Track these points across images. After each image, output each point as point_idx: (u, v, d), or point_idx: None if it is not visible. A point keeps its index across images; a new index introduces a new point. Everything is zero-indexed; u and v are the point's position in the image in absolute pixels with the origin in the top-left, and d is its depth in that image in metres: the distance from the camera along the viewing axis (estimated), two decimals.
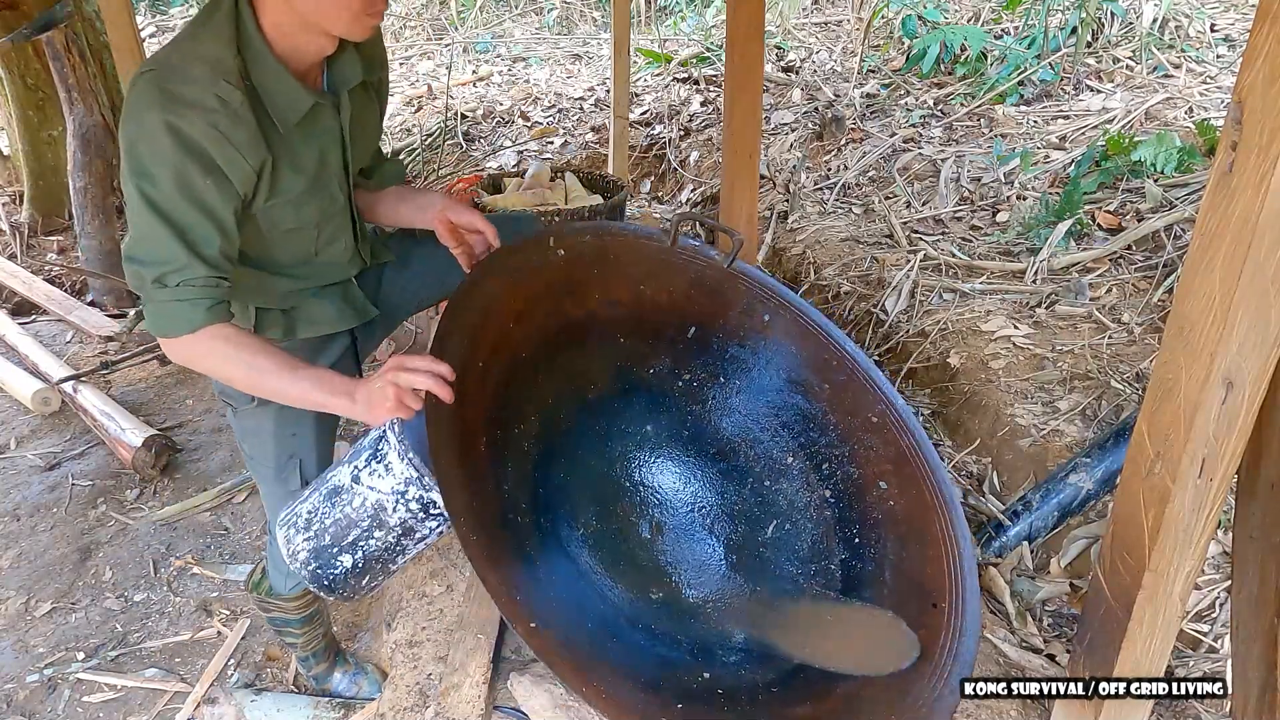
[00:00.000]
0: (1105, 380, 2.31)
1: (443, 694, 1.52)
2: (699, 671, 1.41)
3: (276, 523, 1.27)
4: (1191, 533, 1.13)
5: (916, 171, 3.78)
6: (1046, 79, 4.16)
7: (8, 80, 4.03)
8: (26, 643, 2.00)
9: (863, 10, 5.36)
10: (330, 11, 1.18)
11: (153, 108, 1.11)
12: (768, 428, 1.82)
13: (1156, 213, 2.94)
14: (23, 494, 2.48)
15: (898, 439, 1.69)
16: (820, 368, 1.81)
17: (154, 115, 1.10)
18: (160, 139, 1.11)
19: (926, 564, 1.50)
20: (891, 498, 1.62)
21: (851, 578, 1.59)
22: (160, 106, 1.11)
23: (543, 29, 7.92)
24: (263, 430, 1.47)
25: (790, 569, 1.64)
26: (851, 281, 3.18)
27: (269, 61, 1.20)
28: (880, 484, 1.66)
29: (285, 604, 1.66)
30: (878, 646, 1.43)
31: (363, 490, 1.21)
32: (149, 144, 1.11)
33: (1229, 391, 1.02)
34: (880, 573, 1.55)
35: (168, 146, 1.11)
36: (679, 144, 4.93)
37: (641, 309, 1.81)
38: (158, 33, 8.54)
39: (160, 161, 1.11)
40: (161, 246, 1.14)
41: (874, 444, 1.70)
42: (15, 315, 3.51)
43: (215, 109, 1.13)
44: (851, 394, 1.77)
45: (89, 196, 3.65)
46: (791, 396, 1.81)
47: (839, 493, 1.71)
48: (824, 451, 1.75)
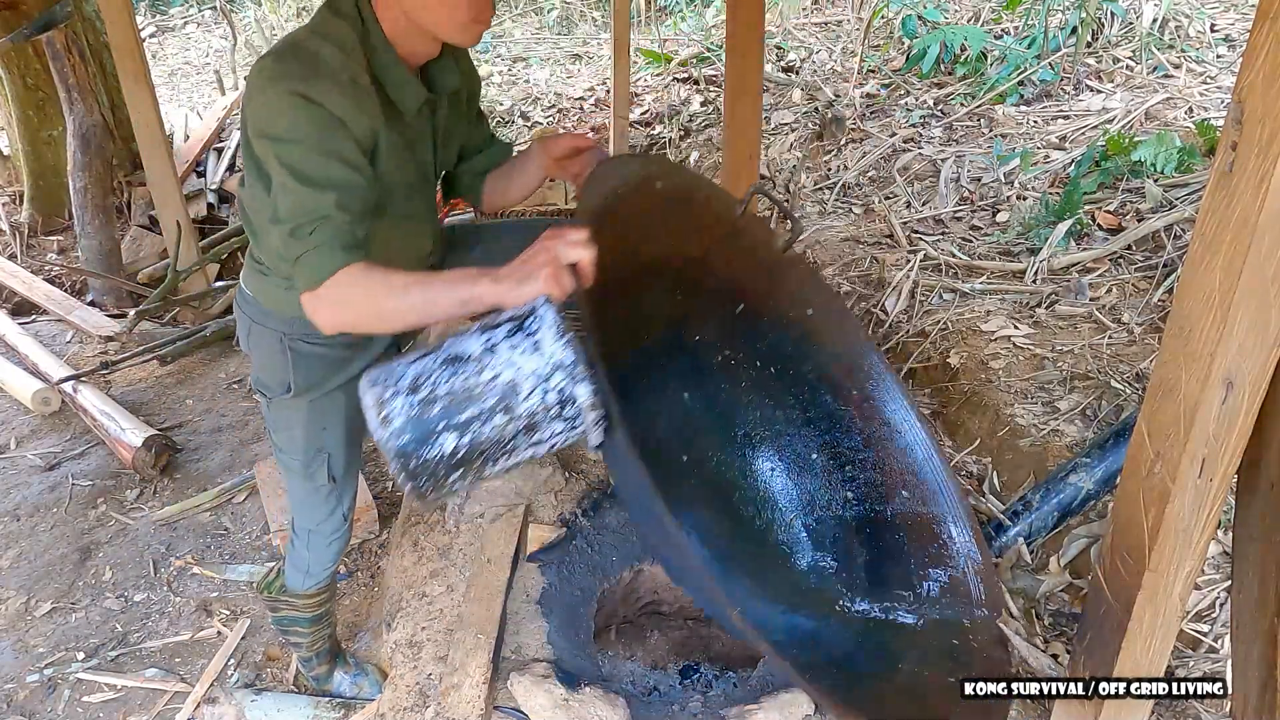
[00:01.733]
0: (1105, 380, 2.31)
1: (443, 694, 1.52)
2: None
3: (366, 380, 1.10)
4: (1191, 533, 1.13)
5: (916, 171, 3.78)
6: (1046, 79, 4.16)
7: (8, 80, 4.03)
8: (26, 642, 2.00)
9: (863, 10, 5.36)
10: (443, 18, 1.24)
11: (285, 79, 1.16)
12: (794, 420, 1.82)
13: (1156, 213, 2.94)
14: (23, 494, 2.48)
15: (917, 449, 1.70)
16: (852, 372, 1.81)
17: (283, 87, 1.16)
18: (296, 109, 1.16)
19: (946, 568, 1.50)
20: (913, 507, 1.64)
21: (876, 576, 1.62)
22: (293, 78, 1.16)
23: (543, 29, 7.91)
24: (294, 422, 1.49)
25: (804, 563, 1.64)
26: (851, 281, 3.18)
27: (391, 56, 1.27)
28: (903, 492, 1.67)
29: (298, 601, 1.67)
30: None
31: (498, 363, 1.03)
32: (285, 115, 1.16)
33: (1229, 391, 1.02)
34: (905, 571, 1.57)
35: (303, 111, 1.16)
36: (679, 144, 4.93)
37: (704, 270, 1.77)
38: (158, 33, 8.54)
39: (295, 125, 1.16)
40: (305, 202, 1.17)
41: (898, 452, 1.72)
42: (15, 315, 3.51)
43: (347, 84, 1.19)
44: (878, 400, 1.78)
45: (89, 196, 3.65)
46: (821, 395, 1.80)
47: (861, 496, 1.72)
48: (848, 454, 1.77)
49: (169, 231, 3.36)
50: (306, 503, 1.57)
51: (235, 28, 7.26)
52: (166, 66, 7.61)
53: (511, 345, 1.03)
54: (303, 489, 1.55)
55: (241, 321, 1.49)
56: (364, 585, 2.11)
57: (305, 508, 1.58)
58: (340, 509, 1.60)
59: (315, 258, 1.17)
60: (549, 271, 1.08)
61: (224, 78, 6.65)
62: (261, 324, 1.44)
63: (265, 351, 1.46)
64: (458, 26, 1.25)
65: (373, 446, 2.63)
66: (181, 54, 8.11)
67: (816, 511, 1.73)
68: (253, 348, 1.48)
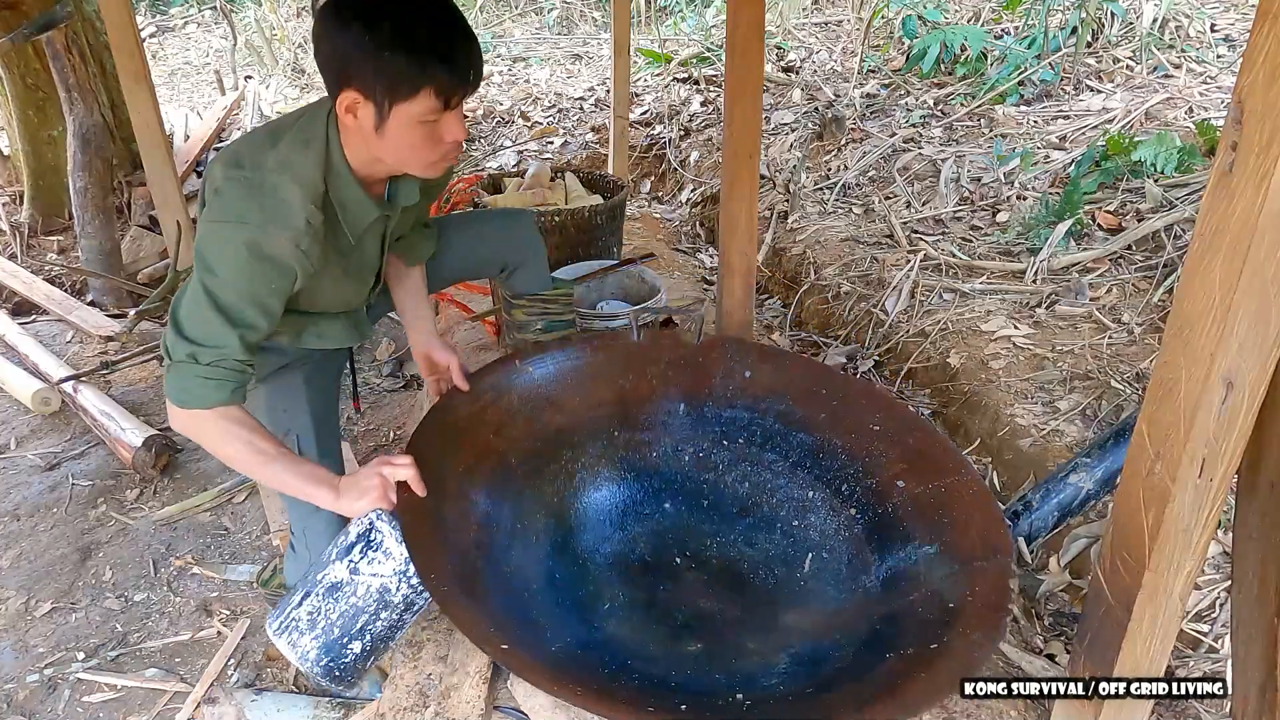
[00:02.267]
0: (1105, 380, 2.31)
1: (443, 694, 1.52)
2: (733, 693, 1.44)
3: (272, 631, 1.32)
4: (1191, 533, 1.12)
5: (916, 171, 3.78)
6: (1046, 79, 4.16)
7: (8, 80, 4.03)
8: (26, 643, 2.00)
9: (863, 10, 5.36)
10: (409, 160, 1.30)
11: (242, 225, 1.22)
12: (782, 472, 1.89)
13: (1156, 213, 2.94)
14: (23, 494, 2.48)
15: (904, 437, 1.73)
16: (812, 400, 1.88)
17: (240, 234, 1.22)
18: (239, 252, 1.22)
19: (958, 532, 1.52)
20: (911, 491, 1.66)
21: (890, 579, 1.62)
22: (251, 225, 1.22)
23: (543, 29, 7.91)
24: (256, 413, 1.49)
25: (832, 592, 1.67)
26: (851, 281, 3.18)
27: (349, 181, 1.33)
28: (899, 483, 1.69)
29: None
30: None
31: (364, 579, 1.30)
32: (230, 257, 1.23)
33: (1229, 391, 1.02)
34: (916, 567, 1.58)
35: (245, 259, 1.23)
36: (679, 144, 4.93)
37: (627, 402, 1.92)
38: (158, 32, 8.54)
39: (233, 268, 1.23)
40: (212, 330, 1.25)
41: (883, 449, 1.75)
42: (15, 315, 3.51)
43: (302, 230, 1.25)
44: (849, 413, 1.83)
45: (89, 196, 3.65)
46: (794, 435, 1.87)
47: (863, 506, 1.75)
48: (840, 474, 1.80)
49: (169, 231, 3.36)
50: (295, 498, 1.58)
51: (235, 27, 7.26)
52: (167, 66, 7.62)
53: (368, 561, 1.29)
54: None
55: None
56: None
57: (295, 502, 1.58)
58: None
59: (198, 387, 1.27)
60: (379, 486, 1.30)
61: (224, 78, 6.65)
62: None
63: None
64: (424, 166, 1.31)
65: (358, 439, 2.63)
66: (182, 54, 8.12)
67: (827, 543, 1.77)
68: None
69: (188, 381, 1.27)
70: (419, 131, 1.25)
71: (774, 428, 1.89)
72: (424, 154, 1.29)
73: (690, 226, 4.37)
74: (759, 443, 1.90)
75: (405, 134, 1.25)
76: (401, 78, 1.19)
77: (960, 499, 1.55)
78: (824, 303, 3.23)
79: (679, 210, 4.56)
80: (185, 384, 1.27)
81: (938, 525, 1.56)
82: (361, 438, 2.69)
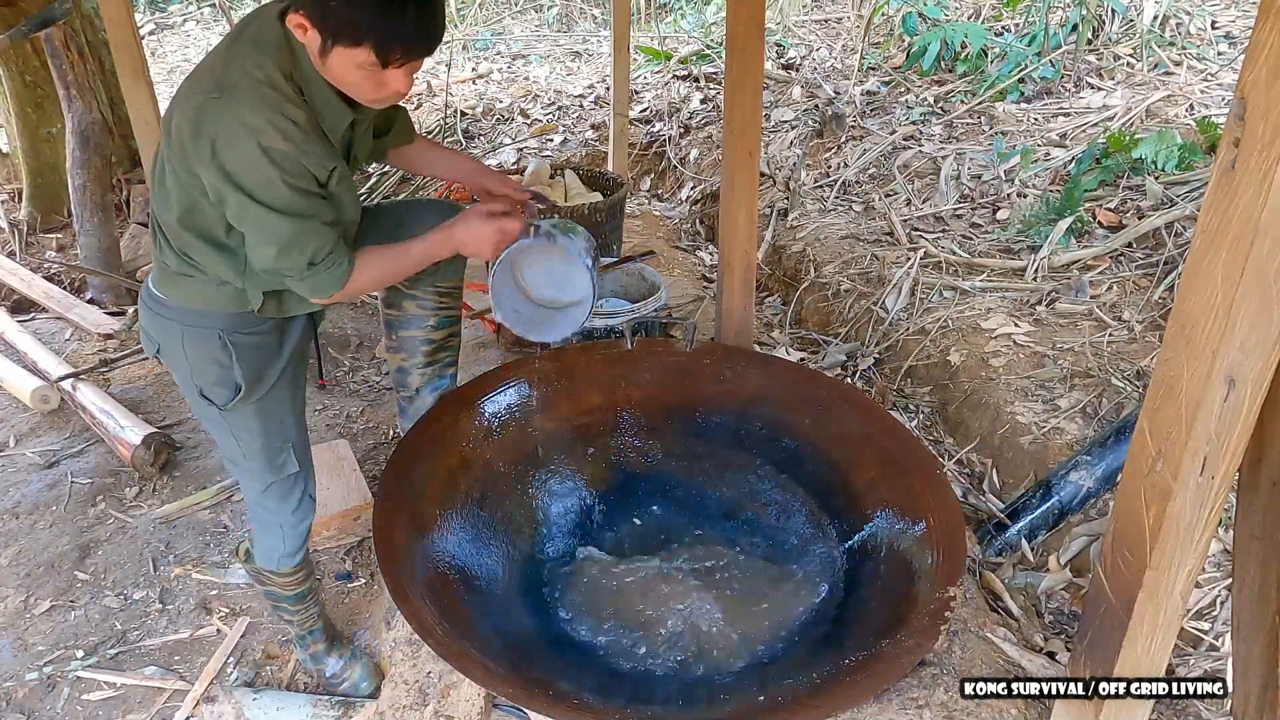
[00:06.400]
0: (1106, 378, 2.31)
1: (442, 693, 1.52)
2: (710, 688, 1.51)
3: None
4: (1193, 531, 1.12)
5: (917, 169, 3.78)
6: (1047, 76, 4.15)
7: (6, 77, 4.02)
8: (25, 640, 2.00)
9: (863, 7, 5.35)
10: (351, 91, 1.31)
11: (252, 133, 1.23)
12: (766, 475, 1.95)
13: (1157, 210, 2.93)
14: (22, 492, 2.48)
15: (880, 439, 1.79)
16: (798, 404, 1.94)
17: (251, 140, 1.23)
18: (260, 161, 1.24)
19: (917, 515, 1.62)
20: (883, 487, 1.72)
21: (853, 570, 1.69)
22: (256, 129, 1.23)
23: (542, 26, 7.90)
24: (250, 425, 1.50)
25: (804, 589, 1.72)
26: (851, 279, 3.18)
27: (321, 84, 1.32)
28: (870, 479, 1.74)
29: (278, 579, 1.67)
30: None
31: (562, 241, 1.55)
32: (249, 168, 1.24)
33: (1231, 389, 1.02)
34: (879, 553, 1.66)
35: (268, 164, 1.24)
36: (679, 141, 4.93)
37: (618, 409, 1.98)
38: (157, 30, 8.53)
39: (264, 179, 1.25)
40: (295, 234, 1.30)
41: (864, 453, 1.80)
42: (14, 313, 3.50)
43: (291, 131, 1.25)
44: (834, 416, 1.88)
45: (88, 194, 3.64)
46: (780, 441, 1.93)
47: (837, 508, 1.81)
48: (821, 478, 1.86)
49: None
50: (273, 495, 1.57)
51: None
52: (166, 64, 7.60)
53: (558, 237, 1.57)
54: (265, 484, 1.55)
55: (167, 330, 1.45)
56: (364, 584, 2.11)
57: (271, 501, 1.57)
58: (306, 489, 1.62)
59: (329, 277, 1.37)
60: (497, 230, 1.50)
61: None
62: (197, 325, 1.42)
63: (204, 355, 1.43)
64: (366, 100, 1.33)
65: (361, 454, 2.63)
66: (180, 51, 8.10)
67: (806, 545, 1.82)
68: (188, 354, 1.44)
69: (318, 282, 1.37)
70: (359, 74, 1.26)
71: (759, 433, 1.94)
72: (364, 92, 1.30)
73: (690, 224, 4.37)
74: (744, 449, 1.95)
75: (345, 73, 1.26)
76: (343, 27, 1.20)
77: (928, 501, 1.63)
78: (824, 300, 3.23)
79: (679, 208, 4.55)
80: (317, 284, 1.37)
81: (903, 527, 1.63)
82: (361, 435, 2.68)
